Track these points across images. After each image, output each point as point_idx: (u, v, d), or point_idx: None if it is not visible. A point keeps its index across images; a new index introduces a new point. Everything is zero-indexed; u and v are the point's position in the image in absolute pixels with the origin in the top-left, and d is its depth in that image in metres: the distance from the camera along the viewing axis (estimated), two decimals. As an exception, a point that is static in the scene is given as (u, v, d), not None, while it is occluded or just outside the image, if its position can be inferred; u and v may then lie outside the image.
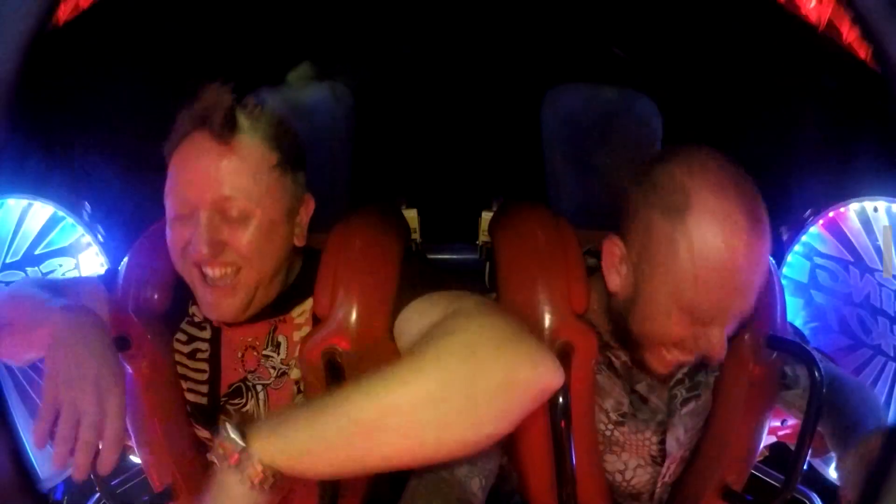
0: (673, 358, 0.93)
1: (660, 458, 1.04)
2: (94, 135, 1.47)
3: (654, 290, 0.88)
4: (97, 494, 1.01)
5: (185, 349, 1.04)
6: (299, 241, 0.99)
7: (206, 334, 1.03)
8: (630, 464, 1.04)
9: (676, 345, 0.91)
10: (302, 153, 0.99)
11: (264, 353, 1.02)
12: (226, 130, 0.87)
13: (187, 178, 0.89)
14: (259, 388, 1.02)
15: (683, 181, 0.85)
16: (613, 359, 1.00)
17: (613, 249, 0.93)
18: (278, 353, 1.01)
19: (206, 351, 1.03)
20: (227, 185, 0.87)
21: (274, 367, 1.01)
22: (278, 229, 0.93)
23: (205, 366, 1.03)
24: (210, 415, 1.04)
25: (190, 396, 1.04)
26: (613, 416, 1.01)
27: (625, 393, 1.01)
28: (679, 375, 1.01)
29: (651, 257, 0.88)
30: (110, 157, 1.46)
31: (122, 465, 1.22)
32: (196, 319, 1.05)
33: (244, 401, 1.02)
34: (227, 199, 0.88)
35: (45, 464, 1.35)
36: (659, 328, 0.90)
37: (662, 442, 1.03)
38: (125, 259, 1.09)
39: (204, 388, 1.03)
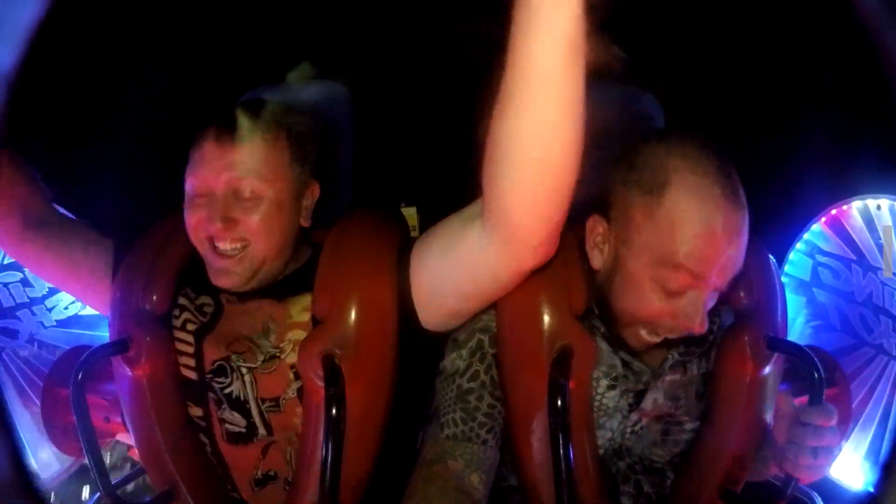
0: (649, 337, 0.95)
1: (635, 406, 1.03)
2: (94, 137, 1.47)
3: (632, 264, 0.90)
4: (97, 494, 1.01)
5: (177, 322, 1.06)
6: (305, 222, 1.06)
7: (209, 309, 1.05)
8: (613, 425, 1.04)
9: (653, 322, 0.93)
10: (310, 141, 1.06)
11: (254, 338, 1.03)
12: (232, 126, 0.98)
13: (206, 162, 0.97)
14: (244, 370, 1.03)
15: (663, 160, 0.89)
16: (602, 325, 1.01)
17: (596, 227, 0.96)
18: (268, 339, 1.03)
19: (196, 323, 1.04)
20: (240, 167, 0.96)
21: (262, 352, 1.03)
22: (285, 210, 1.01)
23: (191, 338, 1.05)
24: (200, 391, 1.04)
25: (184, 372, 1.05)
26: (605, 382, 1.02)
27: (615, 356, 1.01)
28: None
29: (630, 233, 0.90)
30: (110, 159, 1.47)
31: (122, 465, 1.23)
32: (195, 297, 1.06)
33: (229, 380, 1.03)
34: (241, 180, 0.96)
35: (46, 464, 1.36)
36: (636, 303, 0.92)
37: (641, 396, 1.02)
38: (125, 260, 1.10)
39: (192, 362, 1.05)
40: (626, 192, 0.92)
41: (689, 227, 0.86)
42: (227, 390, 1.03)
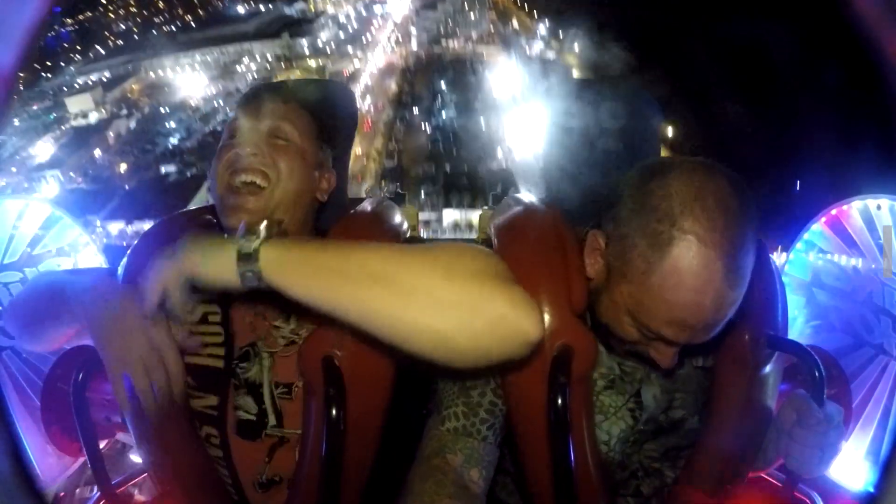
0: (628, 348, 0.97)
1: (638, 411, 1.04)
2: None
3: (617, 295, 0.91)
4: (97, 494, 1.01)
5: (194, 317, 1.06)
6: (321, 196, 1.13)
7: (216, 298, 1.06)
8: (613, 431, 1.04)
9: (629, 343, 0.95)
10: (332, 131, 1.18)
11: (274, 323, 1.05)
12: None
13: (247, 110, 1.08)
14: (265, 354, 1.05)
15: (675, 212, 0.83)
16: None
17: (595, 243, 0.96)
18: (288, 324, 1.05)
19: (218, 314, 1.06)
20: (278, 113, 1.08)
21: (283, 337, 1.05)
22: (307, 167, 1.09)
23: (219, 329, 1.06)
24: (224, 379, 1.05)
25: (207, 361, 1.05)
26: (602, 383, 1.02)
27: (612, 359, 1.02)
28: None
29: (624, 269, 0.89)
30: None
31: (122, 465, 1.23)
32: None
33: (250, 364, 1.05)
34: (277, 121, 1.07)
35: (46, 464, 1.36)
36: (614, 324, 0.94)
37: (639, 396, 1.03)
38: (125, 258, 1.10)
39: (221, 351, 1.05)
40: (630, 229, 0.88)
41: (678, 297, 0.83)
42: (245, 374, 1.05)
